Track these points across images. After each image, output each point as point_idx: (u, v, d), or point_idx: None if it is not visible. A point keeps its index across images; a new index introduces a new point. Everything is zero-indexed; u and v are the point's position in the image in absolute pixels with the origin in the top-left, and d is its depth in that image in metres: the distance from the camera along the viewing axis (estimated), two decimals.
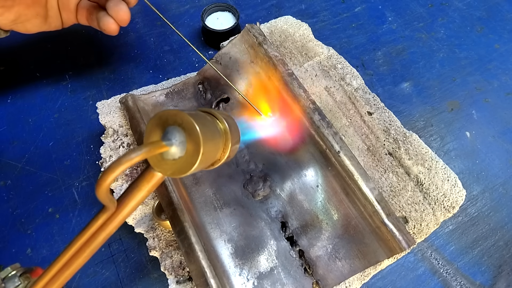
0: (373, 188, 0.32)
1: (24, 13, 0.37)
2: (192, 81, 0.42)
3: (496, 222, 0.42)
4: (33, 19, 0.39)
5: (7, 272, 0.23)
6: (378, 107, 0.39)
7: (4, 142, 0.45)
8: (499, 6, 0.61)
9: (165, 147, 0.17)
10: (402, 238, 0.31)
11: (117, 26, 0.39)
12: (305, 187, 0.36)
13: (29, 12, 0.38)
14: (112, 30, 0.39)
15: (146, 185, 0.18)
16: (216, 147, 0.20)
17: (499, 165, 0.45)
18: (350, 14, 0.59)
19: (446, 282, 0.38)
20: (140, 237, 0.37)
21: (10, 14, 0.36)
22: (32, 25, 0.39)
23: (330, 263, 0.33)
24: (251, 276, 0.32)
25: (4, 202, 0.41)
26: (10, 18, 0.37)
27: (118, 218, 0.18)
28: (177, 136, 0.17)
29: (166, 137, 0.17)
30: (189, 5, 0.59)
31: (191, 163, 0.17)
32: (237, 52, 0.41)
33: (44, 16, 0.39)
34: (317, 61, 0.42)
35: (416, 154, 0.36)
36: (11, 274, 0.23)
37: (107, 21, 0.38)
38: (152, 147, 0.17)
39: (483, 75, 0.53)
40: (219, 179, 0.36)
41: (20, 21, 0.38)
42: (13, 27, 0.39)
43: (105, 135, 0.38)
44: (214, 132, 0.20)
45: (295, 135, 0.37)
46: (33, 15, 0.38)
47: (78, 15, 0.41)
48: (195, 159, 0.17)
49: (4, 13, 0.36)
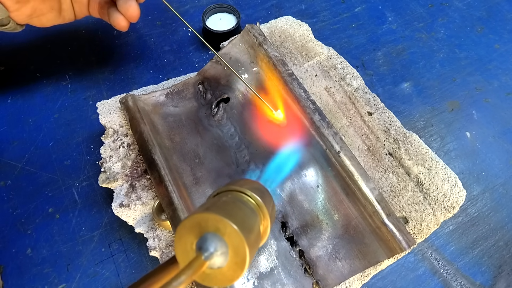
0: (373, 188, 0.32)
1: (40, 7, 0.38)
2: (192, 81, 0.42)
3: (496, 222, 0.42)
4: (48, 13, 0.39)
5: None
6: (378, 107, 0.39)
7: (4, 142, 0.45)
8: (499, 6, 0.61)
9: (205, 263, 0.15)
10: (402, 238, 0.31)
11: (127, 22, 0.40)
12: (305, 187, 0.35)
13: (44, 7, 0.38)
14: (122, 27, 0.40)
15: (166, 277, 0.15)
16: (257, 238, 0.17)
17: (499, 165, 0.45)
18: (350, 14, 0.59)
19: (446, 282, 0.38)
20: (140, 237, 0.37)
21: (27, 9, 0.37)
22: (47, 19, 0.40)
23: (330, 263, 0.33)
24: (251, 276, 0.32)
25: (4, 202, 0.41)
26: (26, 13, 0.37)
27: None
28: (219, 246, 0.15)
29: (204, 246, 0.15)
30: (189, 5, 0.59)
31: (234, 276, 0.15)
32: (237, 52, 0.41)
33: (58, 9, 0.40)
34: (317, 61, 0.42)
35: (416, 154, 0.36)
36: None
37: (117, 18, 0.39)
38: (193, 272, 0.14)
39: (483, 75, 0.53)
40: (219, 179, 0.36)
41: (35, 15, 0.38)
42: (29, 21, 0.39)
43: (105, 135, 0.38)
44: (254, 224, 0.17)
45: (295, 135, 0.37)
46: (48, 9, 0.39)
47: (90, 8, 0.42)
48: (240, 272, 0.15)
49: (20, 8, 0.36)
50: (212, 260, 0.15)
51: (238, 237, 0.15)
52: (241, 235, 0.15)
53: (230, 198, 0.18)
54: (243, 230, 0.15)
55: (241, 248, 0.15)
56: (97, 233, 0.39)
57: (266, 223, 0.19)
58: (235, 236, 0.15)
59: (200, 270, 0.14)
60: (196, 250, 0.15)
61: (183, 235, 0.16)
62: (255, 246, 0.17)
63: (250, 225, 0.17)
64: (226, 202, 0.17)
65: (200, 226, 0.15)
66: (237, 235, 0.15)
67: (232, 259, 0.15)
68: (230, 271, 0.15)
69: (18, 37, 0.53)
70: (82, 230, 0.39)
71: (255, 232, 0.17)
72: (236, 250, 0.15)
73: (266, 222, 0.19)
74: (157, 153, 0.34)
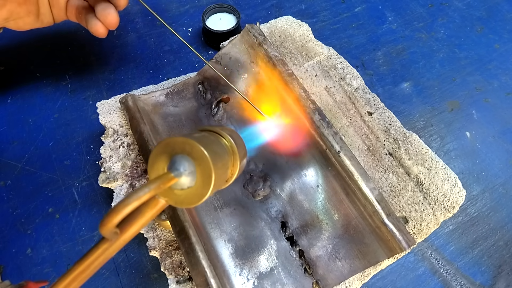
0: (373, 188, 0.32)
1: (16, 11, 0.37)
2: (192, 81, 0.42)
3: (496, 222, 0.42)
4: (26, 17, 0.39)
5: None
6: (378, 107, 0.39)
7: (4, 142, 0.45)
8: (499, 6, 0.61)
9: (174, 179, 0.16)
10: (402, 238, 0.31)
11: (105, 29, 0.38)
12: (305, 187, 0.36)
13: (21, 10, 0.38)
14: (100, 34, 0.38)
15: (150, 211, 0.18)
16: (225, 170, 0.19)
17: (499, 165, 0.45)
18: (350, 14, 0.59)
19: (446, 282, 0.38)
20: (140, 237, 0.37)
21: (3, 12, 0.36)
22: (25, 22, 0.39)
23: (330, 263, 0.33)
24: (251, 276, 0.32)
25: (4, 202, 0.41)
26: (2, 16, 0.36)
27: (118, 244, 0.18)
28: (186, 166, 0.16)
29: (174, 167, 0.17)
30: (189, 5, 0.59)
31: (201, 194, 0.17)
32: (237, 52, 0.41)
33: (35, 13, 0.39)
34: (317, 61, 0.42)
35: (416, 154, 0.36)
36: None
37: (95, 25, 0.38)
38: (161, 183, 0.16)
39: (483, 75, 0.53)
40: None
41: (12, 19, 0.38)
42: (6, 24, 0.39)
43: (105, 135, 0.38)
44: (223, 155, 0.19)
45: (295, 135, 0.37)
46: (25, 13, 0.38)
47: (68, 12, 0.41)
48: (206, 190, 0.16)
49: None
50: (181, 178, 0.16)
51: (204, 157, 0.16)
52: (206, 155, 0.16)
53: (207, 136, 0.19)
54: (210, 153, 0.16)
55: (207, 167, 0.16)
56: (97, 233, 0.39)
57: (235, 170, 0.20)
58: (201, 156, 0.16)
59: (167, 184, 0.16)
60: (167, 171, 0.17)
61: (155, 161, 0.17)
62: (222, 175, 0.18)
63: (218, 153, 0.18)
64: (203, 137, 0.18)
65: (171, 150, 0.17)
66: (203, 155, 0.16)
67: (199, 179, 0.16)
68: (198, 190, 0.17)
69: (18, 37, 0.53)
70: (82, 230, 0.39)
71: (222, 161, 0.18)
72: (202, 170, 0.16)
73: (234, 168, 0.20)
74: None
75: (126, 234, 0.18)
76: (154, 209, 0.18)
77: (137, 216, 0.18)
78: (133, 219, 0.18)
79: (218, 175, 0.17)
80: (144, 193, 0.15)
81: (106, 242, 0.17)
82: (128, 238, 0.18)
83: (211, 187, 0.16)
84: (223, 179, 0.19)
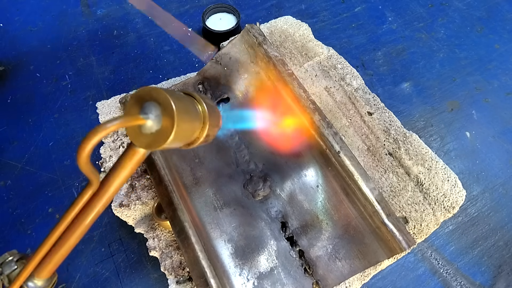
0: (373, 188, 0.32)
1: None
2: (192, 81, 0.42)
3: (496, 222, 0.42)
4: None
5: (4, 258, 0.24)
6: (378, 107, 0.39)
7: (4, 142, 0.45)
8: (499, 6, 0.61)
9: (141, 119, 0.18)
10: (402, 238, 0.31)
11: None
12: (305, 187, 0.35)
13: None
14: None
15: (129, 162, 0.20)
16: (192, 126, 0.21)
17: (499, 165, 0.45)
18: (350, 14, 0.59)
19: (446, 282, 0.38)
20: (140, 237, 0.37)
21: None
22: None
23: (330, 263, 0.33)
24: (251, 276, 0.32)
25: (4, 202, 0.41)
26: None
27: (104, 195, 0.19)
28: (153, 111, 0.19)
29: (143, 111, 0.19)
30: (189, 5, 0.59)
31: (166, 136, 0.18)
32: (237, 52, 0.41)
33: None
34: (317, 61, 0.42)
35: (416, 154, 0.36)
36: (8, 260, 0.24)
37: None
38: (128, 118, 0.18)
39: (483, 75, 0.53)
40: (219, 179, 0.36)
41: None
42: None
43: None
44: (191, 111, 0.21)
45: (295, 135, 0.37)
46: None
47: None
48: (170, 132, 0.18)
49: None
50: (148, 121, 0.18)
51: (168, 102, 0.18)
52: (170, 100, 0.18)
53: (180, 94, 0.21)
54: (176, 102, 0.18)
55: (170, 110, 0.18)
56: (97, 233, 0.39)
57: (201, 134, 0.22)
58: (165, 101, 0.18)
59: (133, 121, 0.18)
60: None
61: (130, 110, 0.19)
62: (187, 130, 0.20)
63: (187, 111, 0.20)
64: (174, 92, 0.20)
65: (142, 100, 0.19)
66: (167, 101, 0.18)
67: (164, 122, 0.18)
68: (163, 132, 0.19)
69: (18, 37, 0.53)
70: None
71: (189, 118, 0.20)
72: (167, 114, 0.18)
73: (201, 133, 0.22)
74: (157, 153, 0.34)
75: (110, 186, 0.20)
76: (133, 160, 0.19)
77: (118, 168, 0.20)
78: (115, 170, 0.19)
79: (182, 123, 0.19)
80: (112, 124, 0.17)
81: (90, 186, 0.19)
82: (113, 190, 0.20)
83: (174, 129, 0.18)
84: (189, 134, 0.21)
